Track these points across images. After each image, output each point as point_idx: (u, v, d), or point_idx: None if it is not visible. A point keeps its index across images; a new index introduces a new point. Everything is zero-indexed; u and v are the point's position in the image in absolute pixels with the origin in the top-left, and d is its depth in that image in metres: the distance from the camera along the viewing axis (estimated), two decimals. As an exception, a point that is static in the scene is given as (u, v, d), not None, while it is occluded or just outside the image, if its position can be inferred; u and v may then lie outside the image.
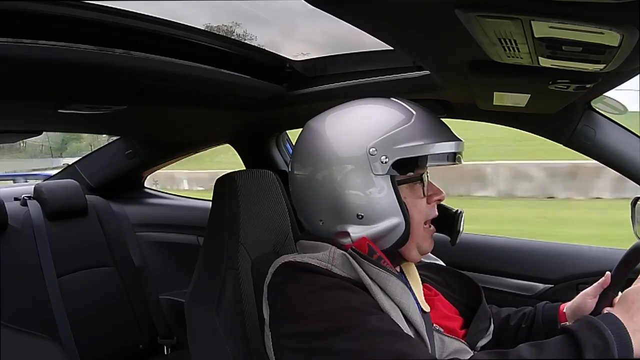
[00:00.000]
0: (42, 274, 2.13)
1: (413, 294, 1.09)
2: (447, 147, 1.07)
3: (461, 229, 1.17)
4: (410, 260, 1.14)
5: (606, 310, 1.16)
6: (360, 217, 1.05)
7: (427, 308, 1.13)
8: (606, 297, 1.20)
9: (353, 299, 0.97)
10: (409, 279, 1.17)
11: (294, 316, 1.00)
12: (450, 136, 1.09)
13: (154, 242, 2.65)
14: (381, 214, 1.05)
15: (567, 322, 1.25)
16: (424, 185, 1.09)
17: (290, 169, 1.16)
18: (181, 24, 1.23)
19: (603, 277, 1.21)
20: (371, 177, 1.03)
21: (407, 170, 1.07)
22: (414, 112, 1.08)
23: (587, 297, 1.24)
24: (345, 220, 1.06)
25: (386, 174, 1.03)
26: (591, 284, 1.25)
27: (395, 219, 1.05)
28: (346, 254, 1.03)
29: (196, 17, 1.27)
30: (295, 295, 1.01)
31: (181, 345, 2.50)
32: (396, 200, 1.04)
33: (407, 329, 0.99)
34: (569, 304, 1.28)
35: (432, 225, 1.14)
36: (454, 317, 1.21)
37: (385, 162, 1.02)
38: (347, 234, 1.06)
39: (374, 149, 1.03)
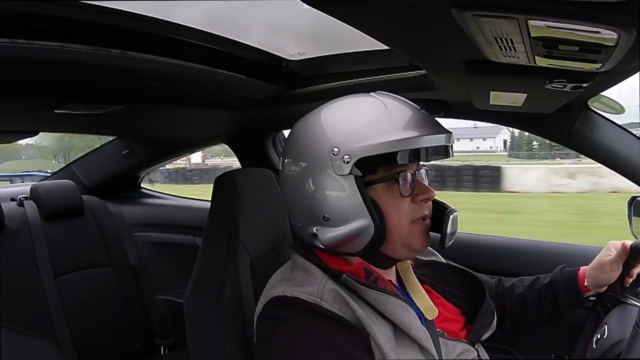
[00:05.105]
0: (39, 274, 2.13)
1: (415, 306, 1.08)
2: (416, 142, 1.00)
3: (449, 231, 1.09)
4: (401, 259, 1.13)
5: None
6: (326, 218, 1.02)
7: (431, 315, 1.10)
8: (628, 269, 1.26)
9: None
10: (407, 286, 1.16)
11: None
12: (427, 131, 1.02)
13: (150, 242, 2.64)
14: (346, 215, 1.01)
15: (591, 292, 1.29)
16: (400, 185, 1.03)
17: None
18: (177, 23, 1.23)
19: (620, 249, 1.23)
20: (334, 177, 1.00)
21: (375, 170, 1.03)
22: (385, 107, 1.03)
23: (604, 267, 1.26)
24: (314, 222, 1.04)
25: (349, 174, 0.99)
26: None
27: (362, 221, 1.00)
28: (337, 288, 1.01)
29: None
30: (282, 343, 1.00)
31: (178, 345, 2.50)
32: (362, 202, 1.00)
33: (401, 354, 0.99)
34: (587, 272, 1.29)
35: (427, 220, 1.09)
36: (455, 319, 1.19)
37: (348, 162, 0.98)
38: (317, 237, 1.04)
39: (336, 149, 0.99)
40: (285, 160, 1.09)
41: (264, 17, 1.39)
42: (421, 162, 1.09)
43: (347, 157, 0.98)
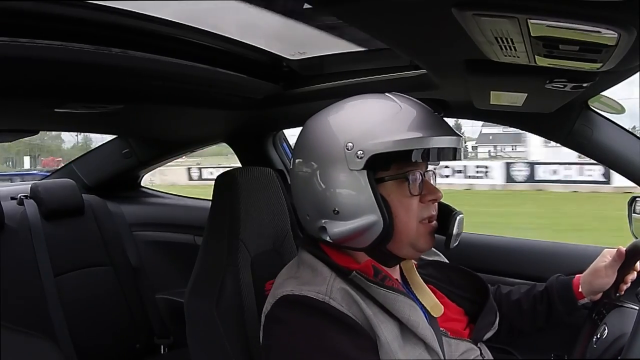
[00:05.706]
0: (39, 273, 2.13)
1: (420, 305, 1.09)
2: (430, 142, 1.03)
3: (454, 232, 1.11)
4: (406, 258, 1.13)
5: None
6: (336, 212, 1.03)
7: (436, 313, 1.11)
8: (622, 275, 1.26)
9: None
10: (411, 285, 1.17)
11: None
12: (440, 132, 1.05)
13: (150, 241, 2.64)
14: (356, 210, 1.02)
15: (585, 299, 1.29)
16: (410, 184, 1.05)
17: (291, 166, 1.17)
18: (177, 22, 1.23)
19: (615, 254, 1.24)
20: (348, 172, 1.02)
21: (387, 167, 1.04)
22: (400, 107, 1.06)
23: (599, 273, 1.26)
24: (323, 215, 1.05)
25: (362, 169, 1.01)
26: None
27: (371, 217, 1.02)
28: (346, 287, 1.02)
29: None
30: (287, 344, 1.01)
31: (178, 344, 2.50)
32: (373, 197, 1.01)
33: (407, 353, 0.99)
34: (582, 278, 1.29)
35: (434, 221, 1.10)
36: (458, 319, 1.20)
37: (361, 158, 1.00)
38: (325, 230, 1.05)
39: (350, 144, 1.01)
40: (297, 157, 1.11)
41: (263, 16, 1.39)
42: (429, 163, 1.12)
43: (361, 152, 1.00)
